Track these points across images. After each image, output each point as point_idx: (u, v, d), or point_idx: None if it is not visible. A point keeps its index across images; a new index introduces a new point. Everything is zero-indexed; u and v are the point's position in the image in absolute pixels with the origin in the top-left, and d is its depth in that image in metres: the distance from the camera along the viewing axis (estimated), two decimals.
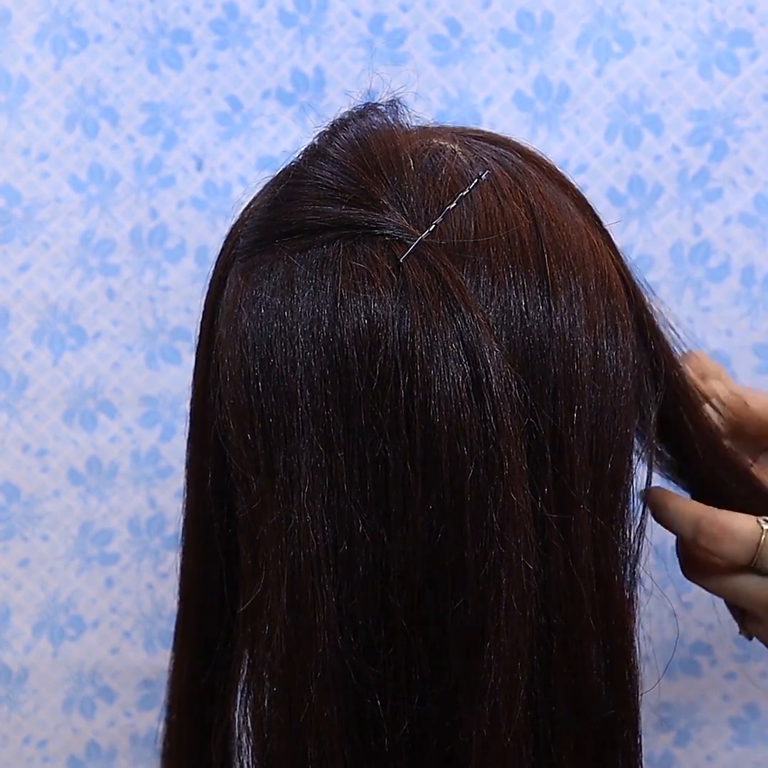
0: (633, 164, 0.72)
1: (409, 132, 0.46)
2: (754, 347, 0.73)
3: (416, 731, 0.42)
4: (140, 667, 0.79)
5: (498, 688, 0.40)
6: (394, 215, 0.42)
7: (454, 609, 0.41)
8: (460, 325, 0.40)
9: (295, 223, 0.43)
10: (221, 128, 0.74)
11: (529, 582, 0.41)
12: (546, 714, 0.43)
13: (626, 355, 0.44)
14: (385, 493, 0.41)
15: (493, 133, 0.49)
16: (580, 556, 0.42)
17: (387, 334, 0.40)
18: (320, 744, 0.41)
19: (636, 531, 0.46)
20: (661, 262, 0.73)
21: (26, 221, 0.75)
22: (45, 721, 0.80)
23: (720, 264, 0.73)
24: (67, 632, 0.79)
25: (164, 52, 0.73)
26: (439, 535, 0.40)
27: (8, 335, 0.76)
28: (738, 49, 0.71)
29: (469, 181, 0.43)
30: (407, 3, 0.72)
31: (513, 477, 0.40)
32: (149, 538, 0.78)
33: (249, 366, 0.43)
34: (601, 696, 0.44)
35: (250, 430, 0.43)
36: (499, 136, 0.48)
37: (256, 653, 0.44)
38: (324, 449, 0.41)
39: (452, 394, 0.40)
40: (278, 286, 0.43)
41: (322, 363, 0.41)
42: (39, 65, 0.74)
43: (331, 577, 0.41)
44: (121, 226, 0.75)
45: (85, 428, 0.77)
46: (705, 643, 0.76)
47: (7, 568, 0.79)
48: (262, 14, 0.73)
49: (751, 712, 0.77)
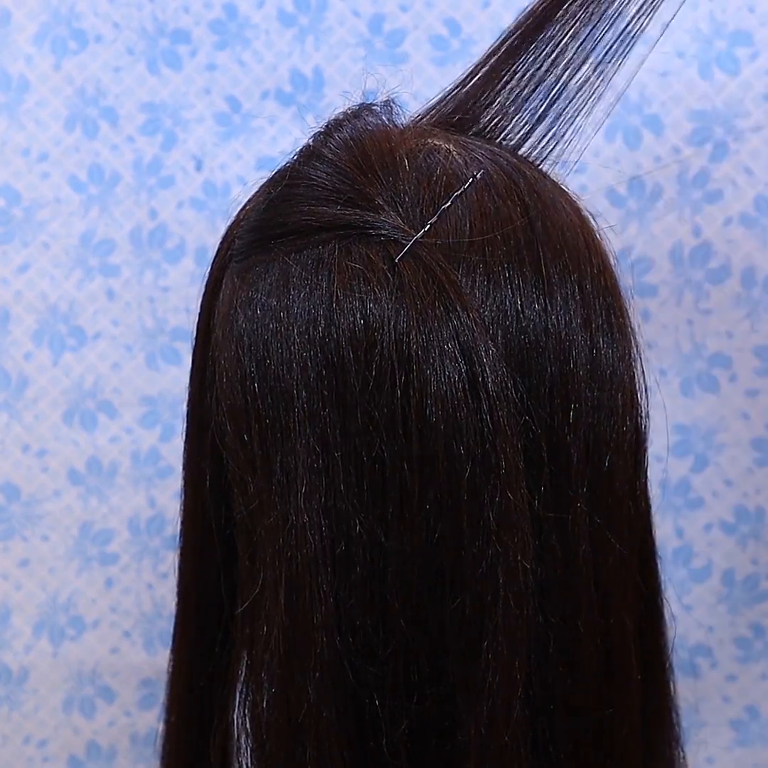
0: (632, 165, 0.71)
1: (404, 132, 0.46)
2: (755, 349, 0.73)
3: (415, 731, 0.42)
4: (140, 666, 0.79)
5: (496, 687, 0.41)
6: (389, 215, 0.42)
7: (451, 608, 0.41)
8: (456, 324, 0.40)
9: (290, 224, 0.44)
10: (220, 128, 0.74)
11: (526, 581, 0.41)
12: (544, 713, 0.43)
13: (623, 353, 0.44)
14: (382, 493, 0.41)
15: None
16: (577, 555, 0.42)
17: (383, 334, 0.40)
18: (319, 744, 0.42)
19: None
20: (661, 264, 0.73)
21: (26, 222, 0.75)
22: (45, 720, 0.80)
23: (720, 265, 0.73)
24: (67, 632, 0.79)
25: (164, 53, 0.73)
26: (436, 535, 0.41)
27: (8, 335, 0.76)
28: (738, 49, 0.71)
29: (464, 180, 0.43)
30: (407, 3, 0.72)
31: (510, 476, 0.40)
32: (149, 538, 0.78)
33: (245, 367, 0.43)
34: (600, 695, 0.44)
35: (246, 431, 0.43)
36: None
37: (255, 654, 0.44)
38: (321, 449, 0.41)
39: (448, 394, 0.40)
40: (274, 287, 0.43)
41: (318, 363, 0.41)
42: (39, 65, 0.74)
43: (329, 578, 0.41)
44: (121, 226, 0.75)
45: (85, 428, 0.77)
46: (705, 645, 0.76)
47: (7, 568, 0.79)
48: (261, 14, 0.73)
49: (752, 714, 0.77)
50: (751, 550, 0.75)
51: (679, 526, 0.75)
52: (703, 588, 0.76)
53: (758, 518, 0.75)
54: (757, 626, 0.76)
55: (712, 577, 0.76)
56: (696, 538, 0.75)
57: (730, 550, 0.75)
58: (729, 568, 0.76)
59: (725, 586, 0.76)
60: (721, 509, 0.75)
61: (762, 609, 0.76)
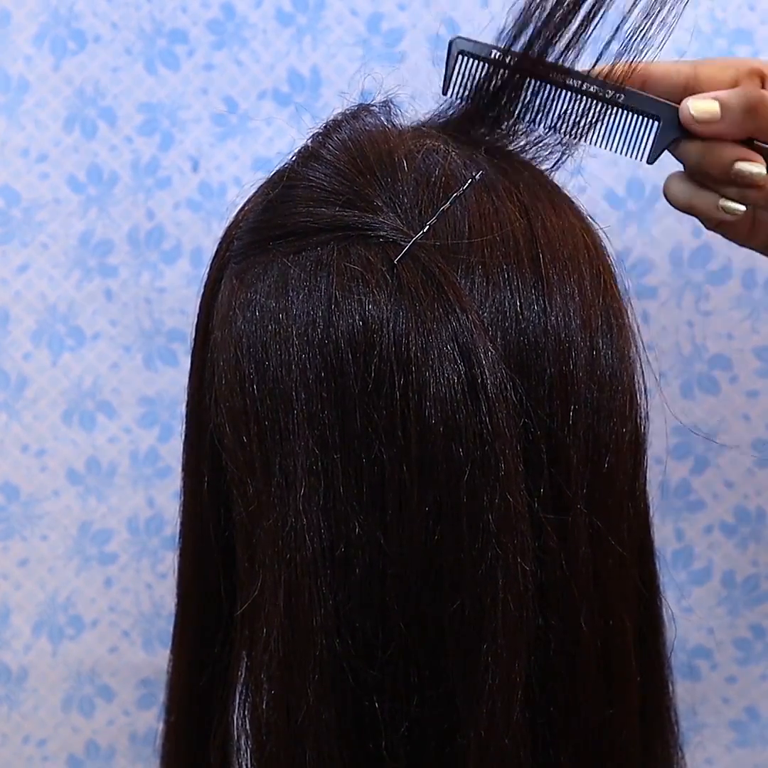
0: (631, 166, 0.71)
1: (402, 133, 0.46)
2: (755, 350, 0.73)
3: (414, 733, 0.42)
4: (139, 666, 0.79)
5: (496, 690, 0.41)
6: (387, 216, 0.42)
7: (451, 610, 0.41)
8: (455, 326, 0.40)
9: (288, 225, 0.44)
10: (217, 129, 0.73)
11: (526, 583, 0.41)
12: (544, 715, 0.43)
13: (622, 354, 0.44)
14: (381, 494, 0.41)
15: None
16: (577, 557, 0.42)
17: (382, 335, 0.40)
18: (318, 746, 0.42)
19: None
20: (661, 266, 0.72)
21: (25, 222, 0.75)
22: (44, 720, 0.80)
23: (721, 267, 0.73)
24: (66, 631, 0.79)
25: (161, 53, 0.73)
26: (435, 537, 0.41)
27: (7, 336, 0.76)
28: (739, 47, 0.71)
29: (462, 181, 0.43)
30: (405, 2, 0.72)
31: (509, 478, 0.40)
32: (148, 538, 0.78)
33: (244, 368, 0.43)
34: (599, 696, 0.44)
35: (245, 433, 0.43)
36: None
37: (254, 656, 0.44)
38: (320, 451, 0.41)
39: (447, 396, 0.40)
40: (272, 289, 0.43)
41: (317, 365, 0.41)
42: (38, 66, 0.74)
43: (328, 580, 0.41)
44: (119, 227, 0.75)
45: (84, 428, 0.77)
46: (705, 647, 0.76)
47: (7, 567, 0.79)
48: (259, 14, 0.72)
49: (752, 715, 0.77)
50: (751, 552, 0.75)
51: (679, 527, 0.75)
52: (704, 590, 0.75)
53: (759, 520, 0.75)
54: (757, 628, 0.76)
55: (713, 579, 0.76)
56: (696, 540, 0.75)
57: (731, 551, 0.75)
58: (729, 569, 0.75)
59: (725, 587, 0.75)
60: (722, 511, 0.75)
61: (762, 610, 0.76)
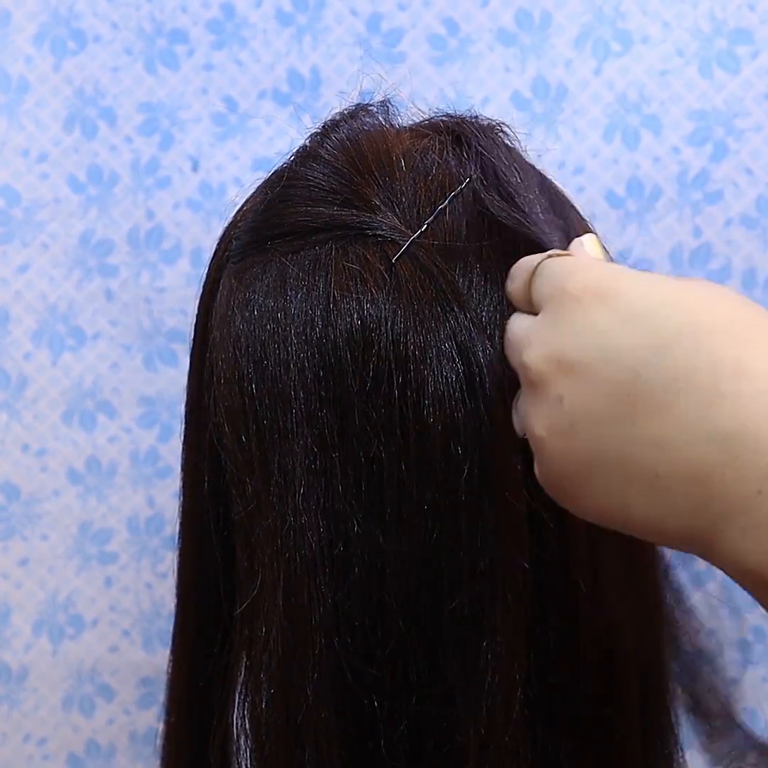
0: (631, 166, 0.71)
1: (400, 132, 0.46)
2: None
3: (414, 732, 0.42)
4: (139, 665, 0.79)
5: (495, 688, 0.41)
6: (386, 216, 0.42)
7: (450, 609, 0.41)
8: (453, 324, 0.40)
9: (287, 225, 0.44)
10: (217, 129, 0.73)
11: (524, 581, 0.41)
12: (543, 713, 0.43)
13: None
14: (379, 493, 0.41)
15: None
16: (576, 554, 0.43)
17: (380, 334, 0.40)
18: (318, 745, 0.42)
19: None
20: (661, 266, 0.72)
21: (26, 222, 0.75)
22: (44, 719, 0.80)
23: (721, 267, 0.72)
24: (66, 631, 0.79)
25: (161, 53, 0.73)
26: (434, 535, 0.41)
27: (8, 336, 0.76)
28: (739, 47, 0.71)
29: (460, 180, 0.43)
30: (405, 2, 0.72)
31: (508, 476, 0.40)
32: (148, 538, 0.78)
33: (243, 368, 0.43)
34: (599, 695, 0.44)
35: (244, 432, 0.43)
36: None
37: (254, 655, 0.44)
38: (318, 450, 0.41)
39: (446, 394, 0.40)
40: (271, 288, 0.43)
41: (315, 364, 0.41)
42: (39, 66, 0.74)
43: (327, 579, 0.41)
44: (119, 227, 0.75)
45: (85, 428, 0.77)
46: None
47: (7, 567, 0.79)
48: (259, 14, 0.72)
49: (752, 717, 0.77)
50: None
51: None
52: (704, 591, 0.75)
53: None
54: (758, 630, 0.76)
55: (714, 580, 0.75)
56: None
57: None
58: None
59: (726, 589, 0.75)
60: None
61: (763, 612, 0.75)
